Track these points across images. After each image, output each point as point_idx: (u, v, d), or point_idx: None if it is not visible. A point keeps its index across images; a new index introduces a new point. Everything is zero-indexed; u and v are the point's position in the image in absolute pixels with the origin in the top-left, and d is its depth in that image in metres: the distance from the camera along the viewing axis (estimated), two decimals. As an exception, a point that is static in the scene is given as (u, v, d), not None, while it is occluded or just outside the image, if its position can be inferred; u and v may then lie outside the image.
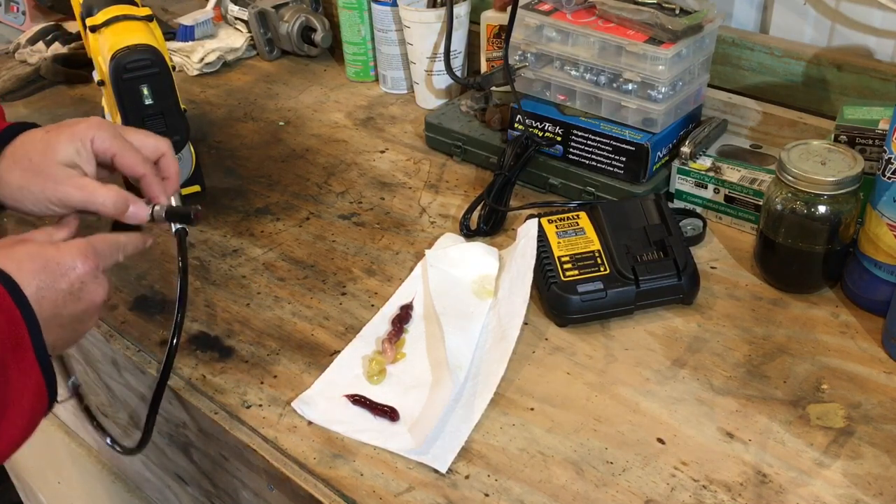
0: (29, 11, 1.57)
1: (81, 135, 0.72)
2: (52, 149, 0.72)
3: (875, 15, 1.02)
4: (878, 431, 0.73)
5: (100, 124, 0.74)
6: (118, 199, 0.72)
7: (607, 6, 0.98)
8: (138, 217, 0.73)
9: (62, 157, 0.72)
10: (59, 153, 0.72)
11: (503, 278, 0.87)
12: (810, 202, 0.82)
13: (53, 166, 0.71)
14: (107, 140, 0.73)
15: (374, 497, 0.69)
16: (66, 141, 0.72)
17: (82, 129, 0.73)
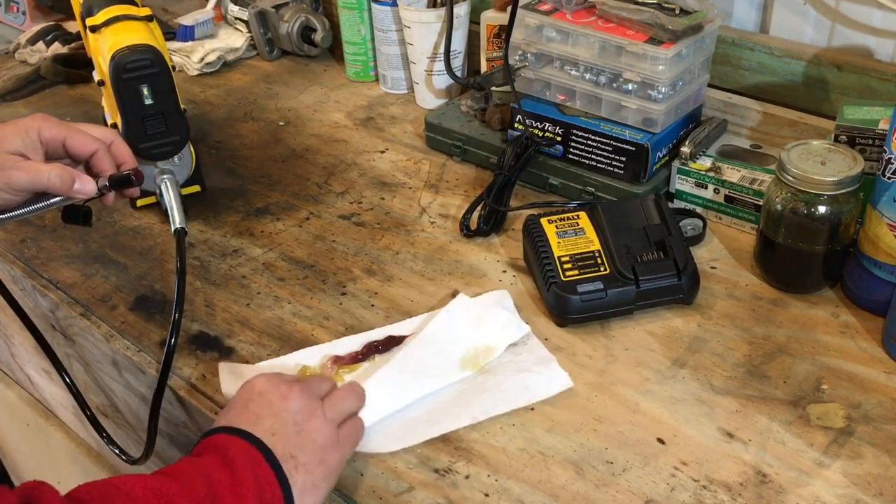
0: (29, 11, 1.57)
1: (26, 126, 0.75)
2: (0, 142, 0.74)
3: (875, 15, 1.02)
4: (878, 431, 0.73)
5: (44, 117, 0.76)
6: (63, 174, 0.74)
7: (607, 6, 0.98)
8: (85, 190, 0.75)
9: (8, 147, 0.74)
10: (5, 144, 0.74)
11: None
12: (810, 202, 0.82)
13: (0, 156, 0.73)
14: (53, 128, 0.75)
15: (374, 497, 0.69)
16: (11, 133, 0.74)
17: (27, 122, 0.75)
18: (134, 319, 0.90)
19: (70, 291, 0.94)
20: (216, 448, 0.62)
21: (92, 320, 0.91)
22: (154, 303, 0.92)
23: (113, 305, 0.92)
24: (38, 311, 1.02)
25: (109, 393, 0.98)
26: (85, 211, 0.80)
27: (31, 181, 0.73)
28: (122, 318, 0.90)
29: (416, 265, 0.95)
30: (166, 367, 0.78)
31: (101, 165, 0.77)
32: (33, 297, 1.00)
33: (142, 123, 0.93)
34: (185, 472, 0.59)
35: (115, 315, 0.90)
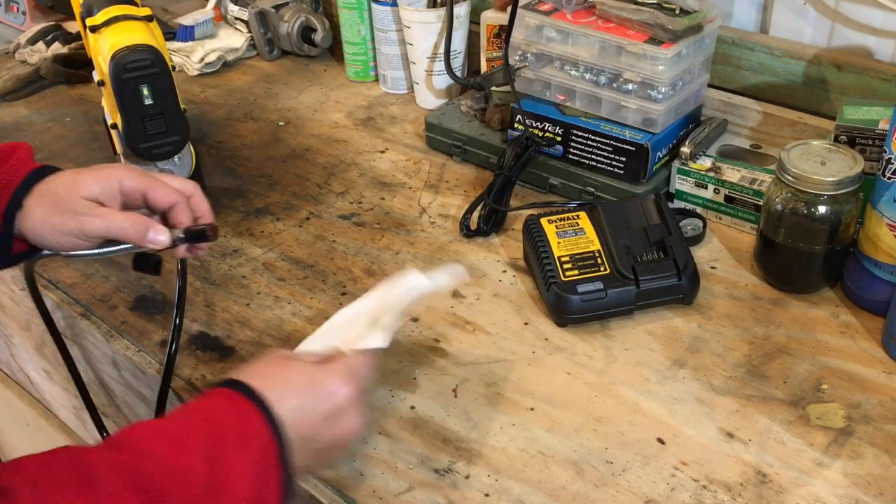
0: (29, 11, 1.57)
1: (108, 175, 0.73)
2: (77, 185, 0.73)
3: (875, 15, 1.02)
4: (878, 431, 0.73)
5: (128, 167, 0.76)
6: (137, 224, 0.73)
7: (607, 6, 0.98)
8: (158, 241, 0.73)
9: (86, 193, 0.73)
10: (84, 189, 0.73)
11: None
12: (810, 202, 0.82)
13: (76, 201, 0.73)
14: (135, 179, 0.74)
15: (374, 497, 0.69)
16: (92, 180, 0.73)
17: (109, 171, 0.74)
18: (134, 319, 0.90)
19: (70, 291, 0.94)
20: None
21: (92, 320, 0.91)
22: (154, 303, 0.92)
23: (113, 305, 0.92)
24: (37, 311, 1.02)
25: (110, 392, 0.98)
26: (156, 260, 0.78)
27: (106, 229, 0.73)
28: (122, 318, 0.90)
29: (416, 265, 0.95)
30: (168, 373, 0.78)
31: (179, 218, 0.75)
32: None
33: (142, 123, 0.93)
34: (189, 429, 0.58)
35: (115, 315, 0.91)
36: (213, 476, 0.56)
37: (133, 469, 0.53)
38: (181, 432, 0.57)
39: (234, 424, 0.59)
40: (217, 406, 0.60)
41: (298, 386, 0.63)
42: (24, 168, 0.76)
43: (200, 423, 0.58)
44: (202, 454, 0.56)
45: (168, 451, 0.55)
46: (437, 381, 0.80)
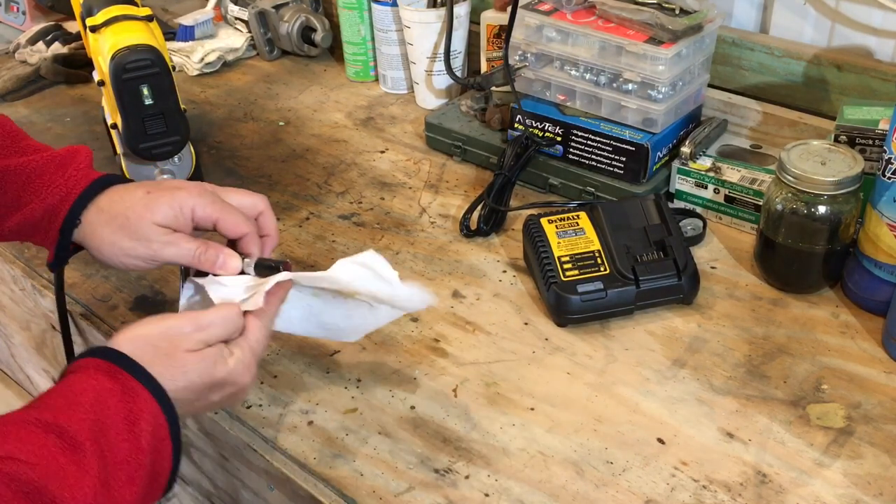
0: (29, 11, 1.57)
1: (182, 202, 0.72)
2: (151, 210, 0.72)
3: (875, 15, 1.02)
4: (878, 431, 0.73)
5: (201, 191, 0.73)
6: (209, 253, 0.72)
7: (607, 6, 0.98)
8: (228, 268, 0.73)
9: (159, 219, 0.72)
10: (157, 215, 0.72)
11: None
12: (810, 202, 0.82)
13: (149, 227, 0.72)
14: (208, 207, 0.73)
15: (374, 497, 0.69)
16: (166, 205, 0.72)
17: (183, 196, 0.72)
18: (134, 319, 0.89)
19: (70, 291, 0.94)
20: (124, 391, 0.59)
21: (92, 320, 0.91)
22: (154, 303, 0.92)
23: (113, 305, 0.92)
24: (38, 311, 1.02)
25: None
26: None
27: (177, 256, 0.72)
28: (122, 318, 0.90)
29: (416, 265, 0.95)
30: None
31: (248, 248, 0.74)
32: (33, 297, 1.00)
33: (142, 123, 0.93)
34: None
35: (115, 315, 0.90)
36: (105, 472, 0.55)
37: (21, 480, 0.51)
38: (71, 432, 0.55)
39: (122, 408, 0.58)
40: (102, 391, 0.58)
41: (197, 382, 0.63)
42: (84, 179, 0.75)
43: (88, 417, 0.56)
44: (93, 451, 0.55)
45: (57, 454, 0.54)
46: (437, 381, 0.80)
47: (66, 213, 0.74)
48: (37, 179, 0.75)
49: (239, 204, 0.75)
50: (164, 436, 0.60)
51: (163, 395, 0.60)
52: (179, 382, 0.62)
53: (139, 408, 0.58)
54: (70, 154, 0.77)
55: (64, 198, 0.74)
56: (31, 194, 0.75)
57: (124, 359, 0.60)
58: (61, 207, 0.74)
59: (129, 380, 0.59)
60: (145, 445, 0.58)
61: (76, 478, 0.53)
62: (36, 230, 0.76)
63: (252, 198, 0.77)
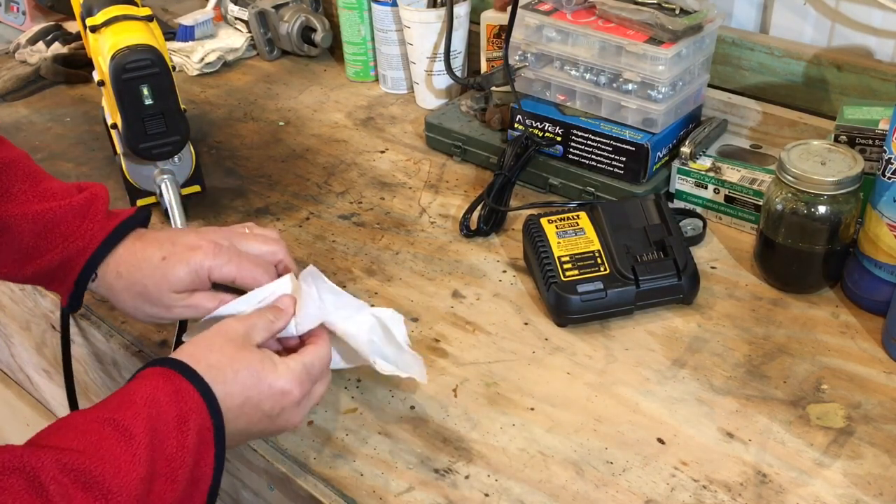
0: (29, 11, 1.57)
1: (197, 265, 0.72)
2: (167, 279, 0.72)
3: (875, 15, 1.02)
4: (878, 431, 0.73)
5: (216, 252, 0.73)
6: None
7: (607, 6, 0.98)
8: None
9: (177, 286, 0.73)
10: (175, 284, 0.72)
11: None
12: (810, 202, 0.82)
13: (167, 296, 0.73)
14: (224, 268, 0.73)
15: (374, 497, 0.69)
16: (184, 272, 0.72)
17: (199, 259, 0.72)
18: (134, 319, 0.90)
19: (70, 291, 0.94)
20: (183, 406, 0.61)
21: (92, 320, 0.91)
22: (154, 303, 0.92)
23: (113, 305, 0.92)
24: (37, 311, 1.02)
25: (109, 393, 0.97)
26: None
27: (196, 315, 0.74)
28: (122, 318, 0.90)
29: (416, 265, 0.95)
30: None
31: None
32: (33, 297, 1.00)
33: (142, 123, 0.93)
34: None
35: (115, 315, 0.90)
36: (153, 465, 0.57)
37: (79, 469, 0.54)
38: (127, 424, 0.57)
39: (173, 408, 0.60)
40: (157, 391, 0.60)
41: (247, 382, 0.64)
42: (100, 232, 0.75)
43: (144, 412, 0.59)
44: (146, 443, 0.57)
45: (113, 445, 0.56)
46: (437, 381, 0.80)
47: (81, 268, 0.74)
48: (54, 229, 0.74)
49: (258, 253, 0.76)
50: (209, 439, 0.61)
51: (213, 400, 0.62)
52: (227, 374, 0.63)
53: (189, 407, 0.60)
54: (88, 201, 0.76)
55: (81, 251, 0.74)
56: (49, 243, 0.74)
57: (180, 364, 0.63)
58: (78, 261, 0.74)
59: (182, 381, 0.61)
60: (190, 445, 0.59)
61: (127, 466, 0.56)
62: (52, 280, 0.76)
63: (270, 246, 0.77)
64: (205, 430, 0.61)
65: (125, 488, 0.55)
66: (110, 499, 0.54)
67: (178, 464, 0.59)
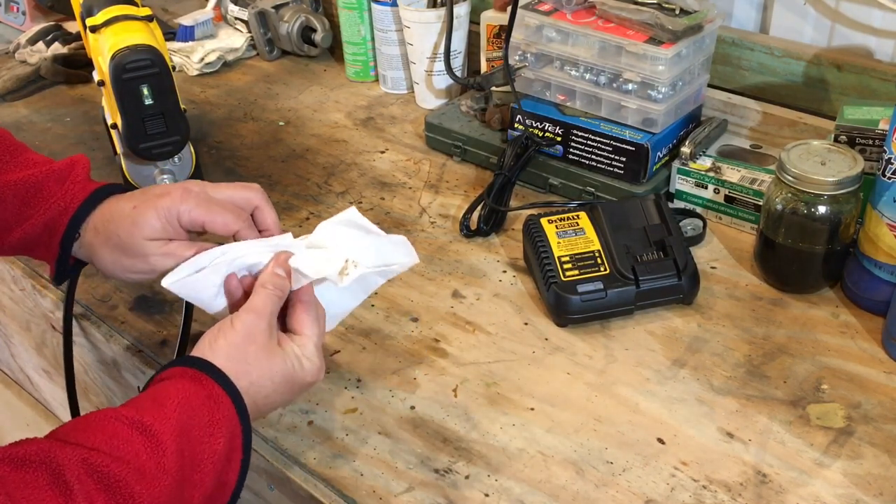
0: (29, 11, 1.57)
1: (167, 211, 0.72)
2: (139, 226, 0.72)
3: (875, 15, 1.02)
4: (878, 431, 0.73)
5: (184, 196, 0.72)
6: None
7: (607, 6, 0.98)
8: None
9: (148, 233, 0.72)
10: (146, 230, 0.72)
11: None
12: (810, 202, 0.82)
13: (141, 243, 0.72)
14: (193, 211, 0.72)
15: (374, 497, 0.69)
16: (153, 218, 0.72)
17: (167, 204, 0.72)
18: (134, 319, 0.90)
19: (70, 291, 0.94)
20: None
21: (92, 320, 0.91)
22: (154, 303, 0.92)
23: (113, 305, 0.92)
24: (37, 311, 1.02)
25: (109, 393, 0.98)
26: None
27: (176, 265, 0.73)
28: (121, 318, 0.90)
29: (416, 265, 0.95)
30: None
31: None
32: (33, 297, 1.00)
33: (142, 123, 0.93)
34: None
35: (115, 315, 0.91)
36: (182, 473, 0.57)
37: (104, 472, 0.54)
38: (156, 430, 0.57)
39: (205, 414, 0.60)
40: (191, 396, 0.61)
41: (282, 389, 0.67)
42: (80, 193, 0.75)
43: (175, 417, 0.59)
44: (174, 450, 0.57)
45: (140, 451, 0.56)
46: (437, 381, 0.80)
47: (64, 228, 0.74)
48: (37, 194, 0.75)
49: (230, 199, 0.74)
50: (238, 445, 0.62)
51: (241, 406, 0.63)
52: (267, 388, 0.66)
53: (221, 414, 0.61)
54: (68, 166, 0.77)
55: (62, 212, 0.74)
56: (31, 209, 0.75)
57: (208, 366, 0.63)
58: (60, 221, 0.74)
59: (213, 386, 0.62)
60: (220, 451, 0.60)
61: (155, 475, 0.56)
62: (37, 245, 0.76)
63: (245, 191, 0.75)
64: (235, 436, 0.61)
65: (150, 495, 0.55)
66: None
67: (207, 470, 0.59)
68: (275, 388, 0.66)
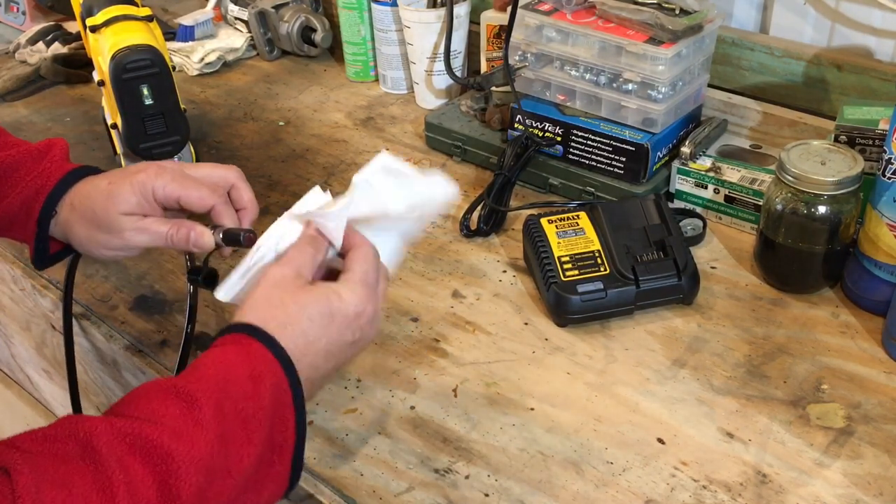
0: (29, 11, 1.57)
1: (141, 186, 0.72)
2: (114, 201, 0.72)
3: (875, 15, 1.02)
4: (878, 431, 0.73)
5: (159, 172, 0.72)
6: (179, 232, 0.72)
7: (607, 6, 0.98)
8: (201, 244, 0.72)
9: (123, 208, 0.72)
10: (121, 205, 0.72)
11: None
12: (810, 202, 0.82)
13: (115, 218, 0.72)
14: (168, 186, 0.72)
15: (374, 497, 0.69)
16: (128, 192, 0.72)
17: (142, 179, 0.72)
18: (134, 319, 0.90)
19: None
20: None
21: (92, 320, 0.91)
22: (154, 303, 0.92)
23: (113, 305, 0.92)
24: (37, 311, 1.02)
25: (109, 393, 0.98)
26: (208, 272, 0.77)
27: (150, 241, 0.73)
28: (121, 318, 0.90)
29: (416, 265, 0.95)
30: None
31: (220, 219, 0.73)
32: (33, 297, 1.00)
33: (142, 123, 0.93)
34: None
35: (115, 315, 0.91)
36: (223, 428, 0.55)
37: (136, 434, 0.52)
38: (190, 390, 0.56)
39: (244, 368, 0.58)
40: (227, 354, 0.59)
41: (324, 323, 0.62)
42: (57, 171, 0.75)
43: (211, 376, 0.58)
44: (212, 405, 0.55)
45: (174, 411, 0.55)
46: (437, 381, 0.80)
47: (41, 205, 0.74)
48: (13, 174, 0.75)
49: (207, 177, 0.74)
50: (287, 401, 0.59)
51: (287, 361, 0.60)
52: (304, 325, 0.62)
53: (262, 368, 0.59)
54: (46, 147, 0.77)
55: (39, 190, 0.74)
56: (7, 188, 0.75)
57: (247, 326, 0.61)
58: (37, 199, 0.74)
59: (252, 343, 0.60)
60: (266, 405, 0.58)
61: (192, 432, 0.54)
62: (14, 224, 0.76)
63: (221, 170, 0.75)
64: (281, 390, 0.59)
65: (188, 453, 0.53)
66: (171, 464, 0.52)
67: (254, 425, 0.57)
68: (313, 325, 0.62)
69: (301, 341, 0.61)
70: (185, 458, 0.53)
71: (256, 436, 0.57)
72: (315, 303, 0.62)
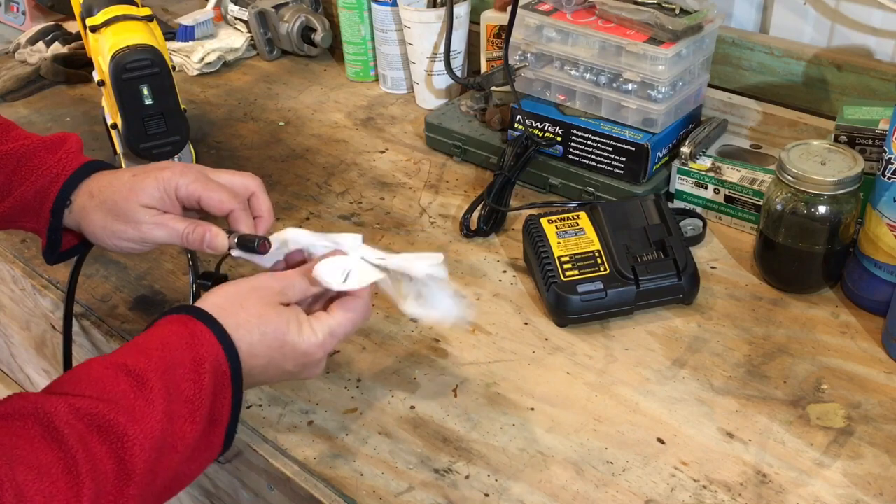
0: (29, 11, 1.57)
1: (166, 182, 0.73)
2: (136, 193, 0.73)
3: (875, 15, 1.02)
4: (878, 431, 0.73)
5: (184, 171, 0.74)
6: (196, 231, 0.73)
7: (607, 6, 0.98)
8: (215, 245, 0.73)
9: (145, 201, 0.73)
10: (143, 197, 0.73)
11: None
12: (810, 202, 0.82)
13: (136, 209, 0.73)
14: (190, 185, 0.73)
15: (374, 497, 0.69)
16: (152, 186, 0.73)
17: (167, 175, 0.73)
18: (134, 319, 0.90)
19: (70, 291, 0.94)
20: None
21: (92, 320, 0.91)
22: (154, 303, 0.92)
23: (113, 305, 0.92)
24: (37, 311, 1.02)
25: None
26: (219, 278, 0.78)
27: (166, 237, 0.73)
28: (122, 318, 0.90)
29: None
30: None
31: (237, 224, 0.74)
32: (33, 297, 1.00)
33: (142, 123, 0.93)
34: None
35: (115, 315, 0.91)
36: (170, 408, 0.58)
37: (94, 414, 0.54)
38: (139, 369, 0.58)
39: (189, 351, 0.61)
40: (173, 333, 0.61)
41: (272, 344, 0.65)
42: (73, 162, 0.76)
43: (158, 355, 0.59)
44: (160, 387, 0.58)
45: (127, 391, 0.57)
46: (437, 381, 0.80)
47: (56, 194, 0.74)
48: (27, 163, 0.75)
49: (228, 183, 0.75)
50: (226, 383, 0.62)
51: (229, 345, 0.62)
52: (254, 336, 0.64)
53: (205, 351, 0.61)
54: (60, 139, 0.78)
55: (54, 179, 0.75)
56: (21, 177, 0.75)
57: (198, 310, 0.63)
58: (52, 188, 0.74)
59: (197, 325, 0.62)
60: (207, 386, 0.60)
61: (144, 412, 0.56)
62: (27, 213, 0.76)
63: (243, 178, 0.77)
64: (221, 373, 0.61)
65: (142, 431, 0.56)
66: (126, 442, 0.55)
67: (196, 405, 0.59)
68: (264, 339, 0.64)
69: (245, 347, 0.63)
70: (139, 436, 0.55)
71: (198, 414, 0.60)
72: (275, 323, 0.65)
